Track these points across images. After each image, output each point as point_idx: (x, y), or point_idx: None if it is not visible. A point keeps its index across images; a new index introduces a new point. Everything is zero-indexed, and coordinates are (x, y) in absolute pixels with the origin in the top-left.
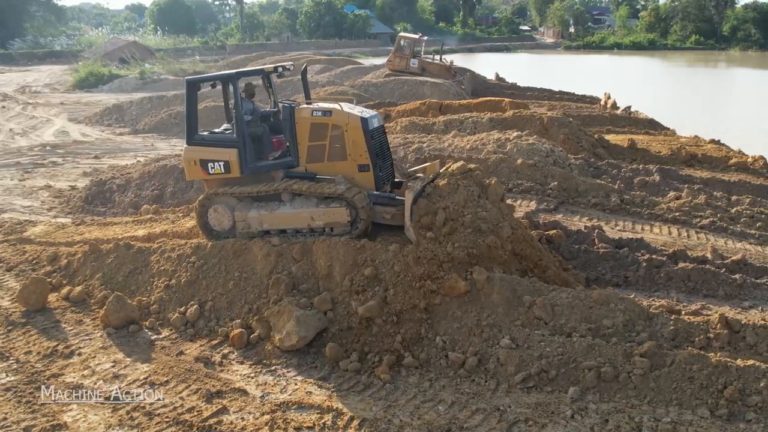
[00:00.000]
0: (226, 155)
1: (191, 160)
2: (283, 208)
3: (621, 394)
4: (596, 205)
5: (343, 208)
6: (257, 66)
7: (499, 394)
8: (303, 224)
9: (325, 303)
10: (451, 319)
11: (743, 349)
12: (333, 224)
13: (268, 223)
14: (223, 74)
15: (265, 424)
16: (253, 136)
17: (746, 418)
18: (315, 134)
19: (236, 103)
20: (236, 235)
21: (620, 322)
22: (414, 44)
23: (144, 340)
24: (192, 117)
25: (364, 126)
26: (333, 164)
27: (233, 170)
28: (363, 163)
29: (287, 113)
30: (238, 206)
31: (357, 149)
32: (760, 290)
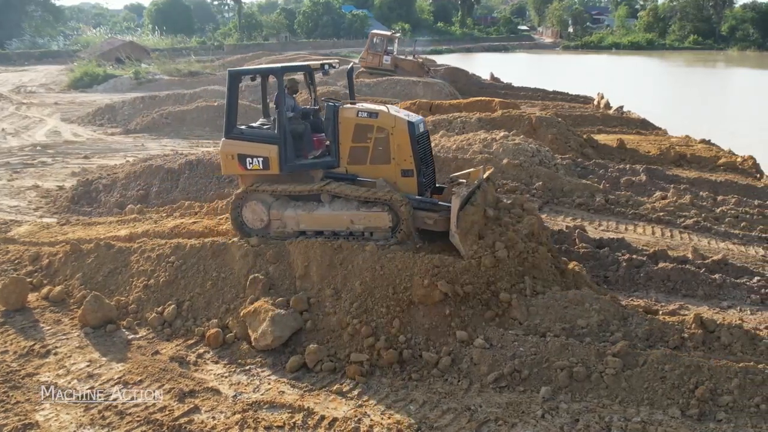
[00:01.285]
0: (265, 151)
1: (229, 154)
2: (321, 209)
3: (593, 394)
4: (581, 205)
5: (385, 213)
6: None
7: (471, 393)
8: (342, 227)
9: (301, 303)
10: (425, 320)
11: (718, 349)
12: (373, 229)
13: (305, 224)
14: (269, 68)
15: (235, 424)
16: (294, 134)
17: (717, 417)
18: (358, 135)
19: (280, 98)
20: (270, 234)
21: (595, 322)
22: (387, 41)
23: (120, 340)
24: (232, 109)
25: (411, 130)
26: (375, 167)
27: (272, 167)
28: (407, 168)
29: (331, 112)
30: (275, 204)
31: (402, 153)
32: (740, 290)
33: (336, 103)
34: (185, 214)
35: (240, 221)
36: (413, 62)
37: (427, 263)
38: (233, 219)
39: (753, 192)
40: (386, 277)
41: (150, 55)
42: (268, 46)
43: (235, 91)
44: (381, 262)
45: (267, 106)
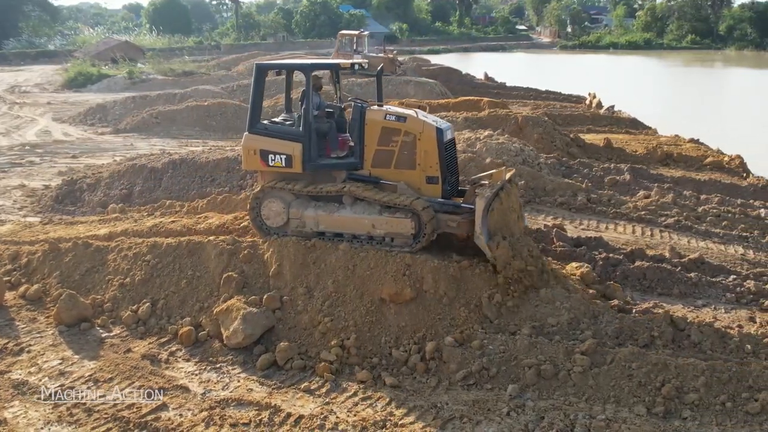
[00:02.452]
0: (289, 149)
1: (251, 149)
2: (342, 211)
3: (560, 392)
4: (562, 204)
5: (408, 219)
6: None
7: (439, 391)
8: (362, 231)
9: (274, 301)
10: (396, 318)
11: (687, 347)
12: (394, 235)
13: (325, 225)
14: (296, 64)
15: (201, 421)
16: (319, 132)
17: (682, 415)
18: (384, 139)
19: (307, 96)
20: (288, 232)
21: (565, 320)
22: (355, 41)
23: (94, 338)
24: (257, 104)
25: (439, 137)
26: (400, 172)
27: (295, 165)
28: (432, 175)
29: (357, 113)
30: (295, 203)
31: (428, 160)
32: (715, 289)
33: (363, 104)
34: (166, 213)
35: (259, 219)
36: (383, 58)
37: (398, 262)
38: (252, 217)
39: (736, 191)
40: (358, 276)
41: (144, 54)
42: (266, 46)
43: (261, 85)
44: (353, 261)
45: (290, 102)
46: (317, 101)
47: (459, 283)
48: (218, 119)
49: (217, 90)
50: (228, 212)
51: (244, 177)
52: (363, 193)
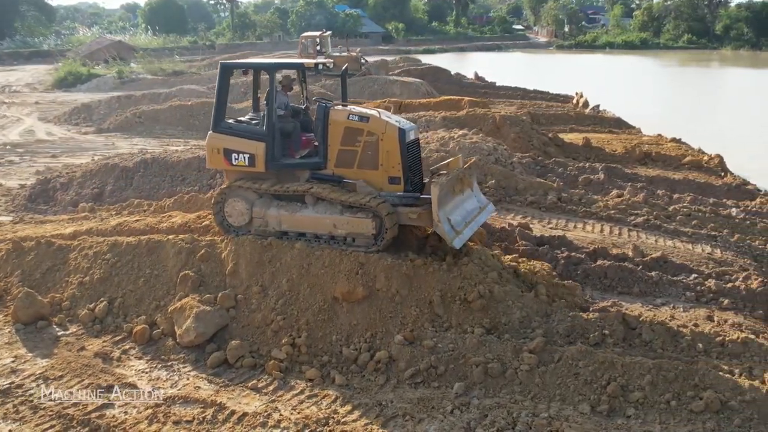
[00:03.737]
0: (252, 148)
1: (215, 147)
2: (305, 211)
3: (506, 390)
4: (533, 203)
5: (369, 219)
6: None
7: (386, 389)
8: (324, 230)
9: (228, 300)
10: (348, 317)
11: (638, 345)
12: (356, 235)
13: (288, 224)
14: (260, 63)
15: (145, 419)
16: (283, 132)
17: (626, 413)
18: (348, 138)
19: (271, 95)
20: (252, 232)
21: (516, 318)
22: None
23: (50, 336)
24: (221, 103)
25: (401, 137)
26: (363, 172)
27: (258, 165)
28: (395, 176)
29: (321, 113)
30: (258, 202)
31: (391, 160)
32: (676, 287)
33: (327, 104)
34: (134, 212)
35: (222, 218)
36: (347, 57)
37: (352, 261)
38: (216, 215)
39: (710, 190)
40: (312, 275)
41: (136, 54)
42: (261, 46)
43: (226, 84)
44: (308, 260)
45: (257, 101)
46: (284, 101)
47: (412, 281)
48: (201, 119)
49: (203, 90)
50: (194, 211)
51: (214, 176)
52: (322, 193)
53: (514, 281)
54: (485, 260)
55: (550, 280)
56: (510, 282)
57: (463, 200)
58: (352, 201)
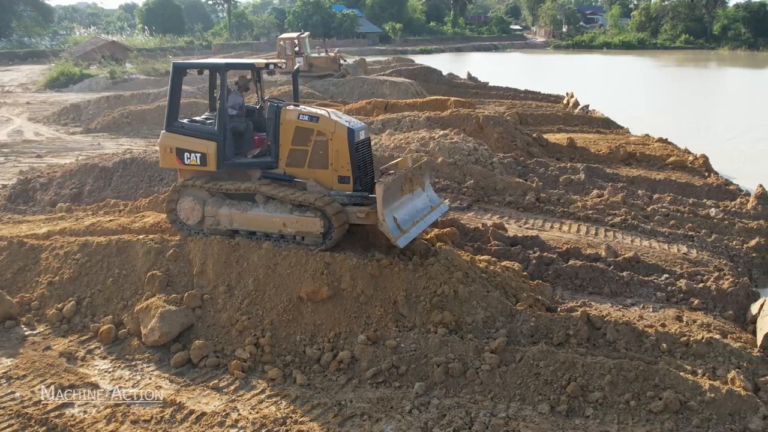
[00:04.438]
0: (204, 147)
1: (167, 147)
2: (255, 210)
3: (467, 390)
4: (511, 203)
5: (317, 218)
6: None
7: (347, 389)
8: (274, 229)
9: (194, 299)
10: (313, 316)
11: (602, 345)
12: (305, 233)
13: (238, 223)
14: (212, 63)
15: (103, 418)
16: (235, 131)
17: (585, 413)
18: (298, 138)
19: (222, 95)
20: (204, 230)
21: (480, 318)
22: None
23: (17, 336)
24: (174, 102)
25: (350, 137)
26: (313, 171)
27: (209, 164)
28: (344, 175)
29: (273, 112)
30: (210, 201)
31: (340, 160)
32: (647, 288)
33: (279, 104)
34: (109, 212)
35: (175, 216)
36: (325, 58)
37: (318, 261)
38: (168, 213)
39: (690, 190)
40: (279, 275)
41: (129, 54)
42: (257, 46)
43: (179, 84)
44: (275, 260)
45: (214, 101)
46: (238, 101)
47: (377, 281)
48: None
49: (192, 90)
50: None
51: None
52: (272, 192)
53: (479, 281)
54: (451, 260)
55: (519, 280)
56: (476, 282)
57: (412, 199)
58: (301, 200)
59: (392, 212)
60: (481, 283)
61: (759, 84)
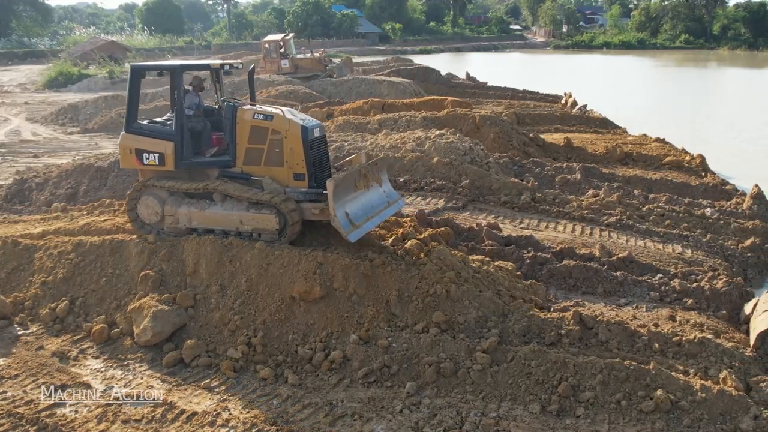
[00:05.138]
0: (162, 147)
1: (127, 148)
2: (213, 208)
3: (458, 390)
4: (506, 203)
5: (272, 215)
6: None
7: (338, 389)
8: (231, 226)
9: (187, 299)
10: (305, 316)
11: (594, 345)
12: (261, 230)
13: (197, 221)
14: (169, 65)
15: (95, 417)
16: (193, 131)
17: (576, 413)
18: (254, 137)
19: (178, 95)
20: (164, 229)
21: (473, 318)
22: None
23: (10, 336)
24: (133, 104)
25: (304, 135)
26: (269, 169)
27: (168, 163)
28: (299, 172)
29: (229, 112)
30: (169, 200)
31: (294, 157)
32: (640, 287)
33: (236, 103)
34: (104, 212)
35: (136, 215)
36: (311, 59)
37: (311, 261)
38: (129, 213)
39: (686, 190)
40: (271, 274)
41: (128, 54)
42: (257, 46)
43: (137, 86)
44: (268, 260)
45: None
46: (196, 101)
47: (370, 281)
48: None
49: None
50: None
51: None
52: (228, 190)
53: (472, 281)
54: (444, 260)
55: (512, 280)
56: (468, 282)
57: (367, 195)
58: (256, 198)
59: (344, 207)
60: (473, 282)
61: (758, 84)
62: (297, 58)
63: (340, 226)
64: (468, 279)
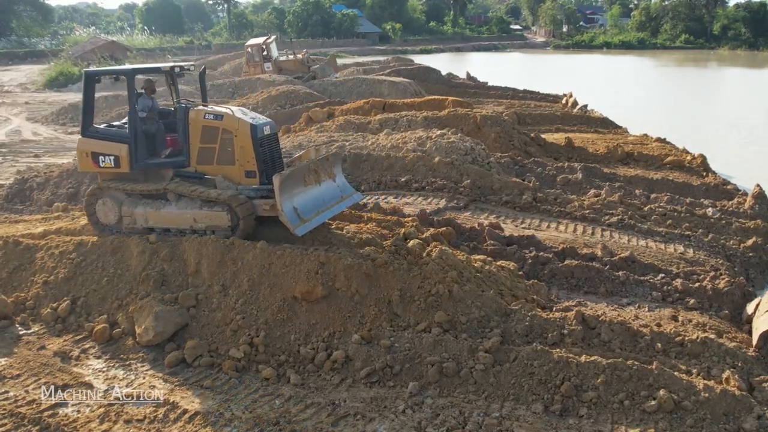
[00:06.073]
0: (116, 150)
1: (84, 151)
2: (168, 208)
3: (461, 389)
4: (507, 203)
5: (224, 213)
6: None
7: (341, 388)
8: (186, 225)
9: (189, 299)
10: (307, 316)
11: (597, 345)
12: (214, 227)
13: (153, 221)
14: (121, 69)
15: (97, 417)
16: (147, 133)
17: (579, 413)
18: (206, 137)
19: (131, 99)
20: (122, 230)
21: (475, 318)
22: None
23: (12, 335)
24: (88, 109)
25: (253, 133)
26: (222, 167)
27: (122, 165)
28: (250, 170)
29: (182, 113)
30: (126, 201)
31: (245, 155)
32: (642, 287)
33: (188, 104)
34: None
35: (95, 217)
36: (293, 61)
37: (312, 260)
38: (88, 215)
39: (687, 190)
40: (273, 274)
41: (128, 54)
42: None
43: (92, 92)
44: (270, 260)
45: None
46: (148, 104)
47: (372, 280)
48: None
49: (190, 89)
50: None
51: None
52: (180, 190)
53: (474, 280)
54: (446, 260)
55: (514, 280)
56: (470, 281)
57: (318, 190)
58: (207, 196)
59: (293, 202)
60: (475, 282)
61: (758, 84)
62: (280, 61)
63: (287, 221)
64: (470, 279)
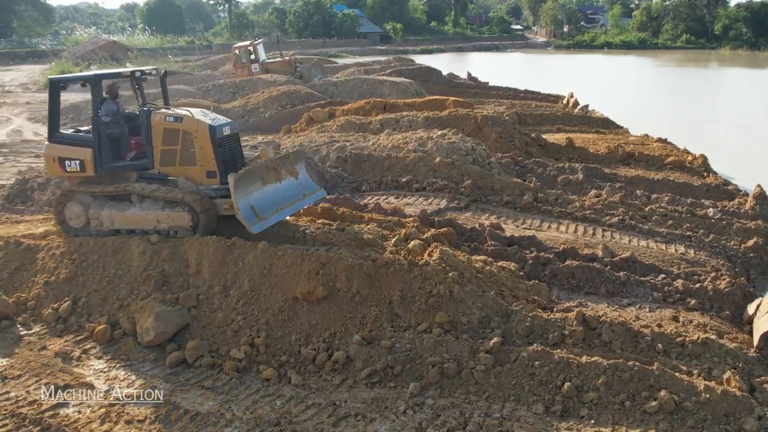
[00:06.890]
0: (81, 154)
1: (51, 157)
2: (132, 209)
3: (461, 390)
4: (508, 203)
5: (185, 213)
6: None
7: (342, 389)
8: (149, 225)
9: (190, 299)
10: (308, 316)
11: (598, 346)
12: (177, 227)
13: (119, 222)
14: (85, 75)
15: (98, 418)
16: (111, 137)
17: (579, 414)
18: (168, 139)
19: (94, 103)
20: (90, 232)
21: (476, 318)
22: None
23: (13, 336)
24: (54, 115)
25: (212, 134)
26: (184, 168)
27: (88, 169)
28: (211, 170)
29: (144, 117)
30: (93, 204)
31: (205, 156)
32: (643, 288)
33: (150, 108)
34: None
35: (63, 220)
36: (280, 62)
37: (313, 261)
38: (57, 218)
39: (689, 190)
40: (274, 275)
41: (129, 54)
42: None
43: (57, 98)
44: (271, 260)
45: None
46: (112, 108)
47: (372, 281)
48: None
49: (191, 90)
50: None
51: None
52: (142, 191)
53: (475, 281)
54: (447, 260)
55: (515, 281)
56: (471, 282)
57: (278, 187)
58: (168, 197)
59: (249, 201)
60: (476, 283)
61: (760, 84)
62: (267, 62)
63: (243, 218)
64: (471, 279)
